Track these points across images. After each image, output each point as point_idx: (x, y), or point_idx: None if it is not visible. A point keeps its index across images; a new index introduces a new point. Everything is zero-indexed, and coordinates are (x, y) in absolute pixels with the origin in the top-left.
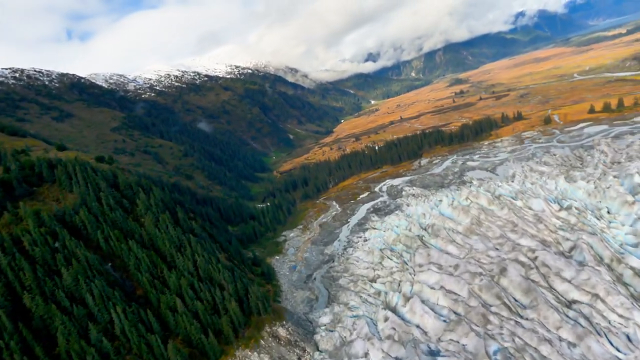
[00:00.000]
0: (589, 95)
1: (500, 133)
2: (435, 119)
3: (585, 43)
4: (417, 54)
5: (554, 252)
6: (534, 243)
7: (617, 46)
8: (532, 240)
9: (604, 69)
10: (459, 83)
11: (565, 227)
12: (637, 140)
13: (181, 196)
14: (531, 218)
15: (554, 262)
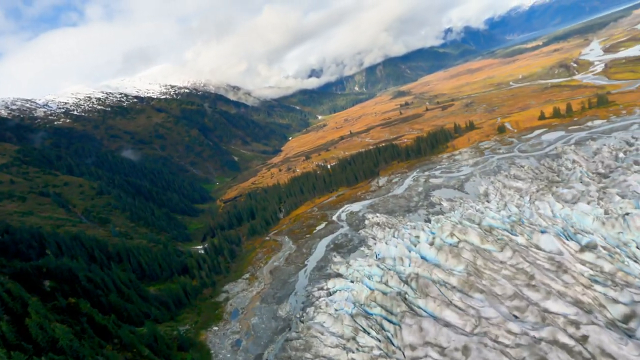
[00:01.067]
0: (533, 102)
1: (457, 144)
2: (385, 131)
3: (510, 54)
4: (358, 69)
5: (606, 325)
6: (571, 309)
7: (540, 56)
8: (564, 302)
9: (536, 76)
10: (402, 95)
11: (602, 279)
12: (603, 147)
13: (76, 259)
14: (548, 264)
15: (617, 349)
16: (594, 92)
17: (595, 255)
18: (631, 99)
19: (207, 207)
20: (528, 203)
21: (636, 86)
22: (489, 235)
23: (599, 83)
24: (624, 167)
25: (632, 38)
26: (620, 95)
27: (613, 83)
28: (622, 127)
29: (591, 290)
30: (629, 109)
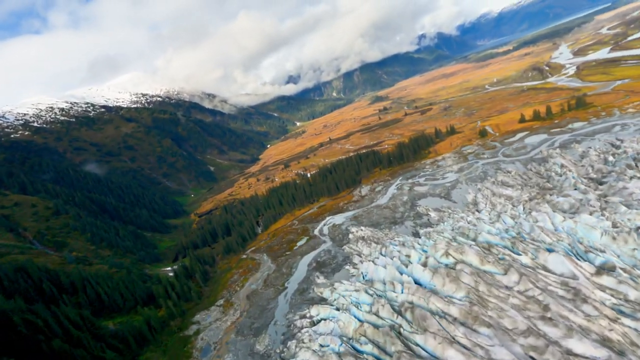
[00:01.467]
0: (511, 105)
1: (439, 149)
2: (365, 137)
3: (483, 59)
4: (336, 75)
5: None
6: (601, 351)
7: (511, 60)
8: (590, 341)
9: (511, 79)
10: (379, 100)
11: (629, 310)
12: (590, 150)
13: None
14: (562, 291)
15: None
16: (570, 94)
17: (615, 280)
18: (608, 100)
19: (181, 223)
20: (524, 214)
21: (611, 87)
22: (489, 255)
23: (573, 85)
24: (618, 172)
25: (598, 42)
26: (597, 96)
27: (587, 85)
28: (604, 129)
29: (619, 325)
30: (607, 111)
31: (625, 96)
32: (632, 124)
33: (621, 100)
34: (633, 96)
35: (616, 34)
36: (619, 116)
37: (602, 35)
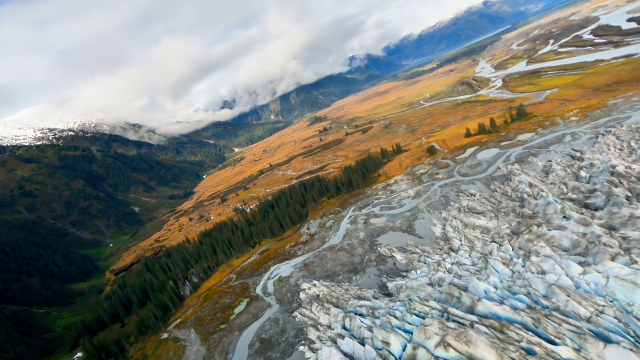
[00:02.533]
0: (451, 119)
1: (389, 172)
2: (308, 161)
3: (412, 77)
4: (272, 98)
5: None
6: None
7: (438, 77)
8: None
9: (443, 94)
10: (319, 121)
11: None
12: (552, 165)
13: None
14: None
15: None
16: (507, 106)
17: None
18: (546, 109)
19: (89, 287)
20: (518, 257)
21: (544, 97)
22: (508, 343)
23: (506, 97)
24: (605, 192)
25: (513, 57)
26: (534, 106)
27: (519, 96)
28: (555, 140)
29: None
30: (551, 120)
31: (562, 105)
32: (582, 133)
33: (559, 109)
34: (569, 105)
35: (527, 49)
36: (564, 125)
37: (515, 51)
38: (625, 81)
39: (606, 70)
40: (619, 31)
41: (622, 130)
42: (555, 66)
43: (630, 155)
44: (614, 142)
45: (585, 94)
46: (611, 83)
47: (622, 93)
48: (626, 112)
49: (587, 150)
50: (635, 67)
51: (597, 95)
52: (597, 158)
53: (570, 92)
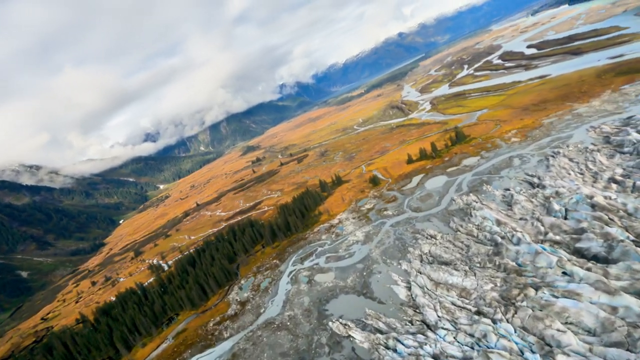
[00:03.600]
0: (389, 144)
1: (331, 208)
2: (240, 197)
3: (342, 102)
4: (201, 128)
5: None
6: None
7: (367, 101)
8: None
9: (375, 118)
10: (252, 150)
11: None
12: (515, 195)
13: None
14: None
15: None
16: (441, 128)
17: None
18: (483, 130)
19: None
20: (535, 353)
21: (476, 118)
22: None
23: (439, 119)
24: (597, 232)
25: (434, 81)
26: (469, 128)
27: (451, 117)
28: (504, 164)
29: None
30: (492, 142)
31: (497, 125)
32: (529, 155)
33: (495, 129)
34: (504, 125)
35: (445, 74)
36: (507, 147)
37: (434, 75)
38: (549, 100)
39: (526, 90)
40: (523, 56)
41: (569, 150)
42: (477, 88)
43: (596, 180)
44: (569, 165)
45: (516, 114)
46: (537, 102)
47: (552, 112)
48: (564, 130)
49: (545, 175)
50: (553, 86)
51: (528, 115)
52: (561, 185)
53: (500, 113)
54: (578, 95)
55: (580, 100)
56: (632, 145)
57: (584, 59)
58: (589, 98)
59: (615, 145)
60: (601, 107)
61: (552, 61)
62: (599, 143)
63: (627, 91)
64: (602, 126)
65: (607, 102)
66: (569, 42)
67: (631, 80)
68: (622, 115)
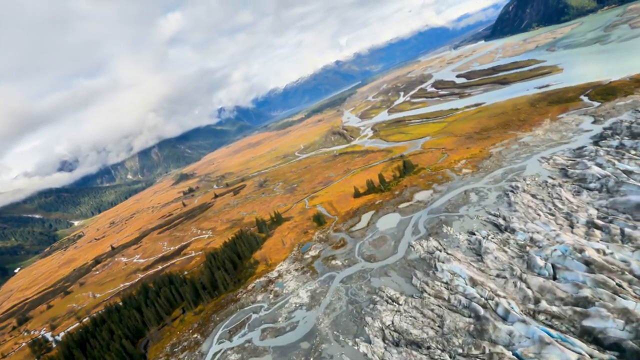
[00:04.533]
0: (332, 173)
1: (270, 255)
2: (164, 239)
3: (282, 127)
4: (128, 154)
5: None
6: None
7: (308, 126)
8: None
9: (318, 145)
10: (185, 178)
11: None
12: (484, 243)
13: None
14: None
15: None
16: (386, 156)
17: None
18: (430, 160)
19: None
20: None
21: (420, 146)
22: None
23: (382, 146)
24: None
25: (373, 107)
26: (416, 157)
27: (395, 145)
28: (460, 200)
29: None
30: (442, 173)
31: (444, 154)
32: (485, 189)
33: (443, 159)
34: (452, 154)
35: (382, 100)
36: (460, 179)
37: (372, 102)
38: (491, 128)
39: (465, 118)
40: (454, 84)
41: (528, 184)
42: (416, 114)
43: (572, 225)
44: (534, 203)
45: (461, 142)
46: (479, 130)
47: (497, 140)
48: (515, 161)
49: (511, 216)
50: (491, 114)
51: (473, 143)
52: (534, 229)
53: (444, 140)
54: (518, 123)
55: (522, 129)
56: (597, 181)
57: (513, 88)
58: (531, 127)
59: (576, 180)
60: (546, 136)
61: (483, 89)
62: (557, 176)
63: (566, 120)
64: (555, 157)
65: (551, 131)
66: (494, 73)
67: (566, 110)
68: (570, 145)
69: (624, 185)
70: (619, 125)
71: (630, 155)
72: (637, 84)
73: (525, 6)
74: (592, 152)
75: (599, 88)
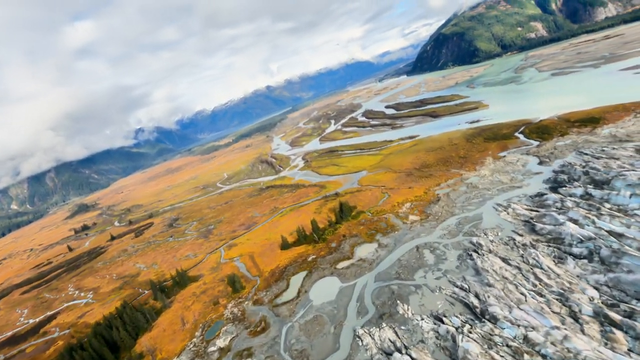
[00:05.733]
0: (257, 213)
1: (160, 345)
2: (27, 303)
3: (207, 151)
4: (14, 180)
5: None
6: None
7: (235, 152)
8: None
9: (243, 174)
10: (84, 210)
11: None
12: (460, 339)
13: None
14: None
15: None
16: (318, 192)
17: None
18: (369, 200)
19: None
20: None
21: (356, 181)
22: None
23: (314, 179)
24: None
25: (303, 134)
26: (353, 196)
27: (327, 179)
28: (413, 259)
29: None
30: (386, 220)
31: (385, 194)
32: (440, 246)
33: (384, 200)
34: (393, 194)
35: (314, 127)
36: (407, 229)
37: (303, 128)
38: (431, 164)
39: (401, 151)
40: (385, 115)
41: (492, 242)
42: (350, 144)
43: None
44: (510, 273)
45: (401, 179)
46: (418, 166)
47: (441, 179)
48: (467, 207)
49: (485, 293)
50: (427, 147)
51: (415, 181)
52: (524, 320)
53: (382, 177)
54: (459, 160)
55: (466, 167)
56: (580, 244)
57: (444, 122)
58: (474, 165)
59: (551, 240)
60: (494, 177)
61: (414, 121)
62: (523, 232)
63: (510, 159)
64: (513, 205)
65: (498, 172)
66: (422, 105)
67: (505, 147)
68: (524, 189)
69: (626, 257)
70: (572, 169)
71: (607, 211)
72: (569, 124)
73: (441, 47)
74: (556, 202)
75: (532, 126)
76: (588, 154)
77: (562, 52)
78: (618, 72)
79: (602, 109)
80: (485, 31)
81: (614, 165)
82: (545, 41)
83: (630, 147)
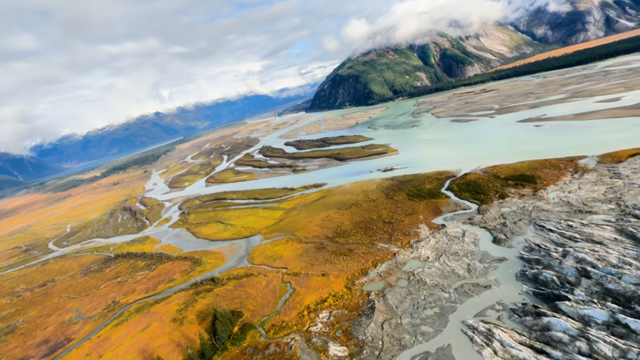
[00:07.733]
0: (80, 314)
1: None
2: None
3: (64, 187)
4: None
5: None
6: None
7: (98, 190)
8: None
9: (93, 229)
10: None
11: None
12: None
13: None
14: None
15: None
16: (188, 275)
17: None
18: (264, 299)
19: None
20: None
21: (246, 254)
22: None
23: (186, 248)
24: None
25: (189, 171)
26: (239, 287)
27: (207, 248)
28: None
29: None
30: (290, 354)
31: (287, 286)
32: None
33: (288, 298)
34: (301, 287)
35: (202, 163)
36: None
37: (190, 164)
38: (348, 231)
39: (307, 205)
40: (284, 153)
41: None
42: (242, 191)
43: None
44: None
45: (310, 257)
46: (332, 233)
47: (367, 260)
48: (423, 331)
49: None
50: (340, 203)
51: (331, 263)
52: None
53: (284, 250)
54: (384, 228)
55: (396, 241)
56: None
57: (352, 167)
58: (407, 237)
59: None
60: (442, 264)
61: (319, 164)
62: None
63: (452, 233)
64: (499, 334)
65: (445, 255)
66: (324, 145)
67: (438, 211)
68: (497, 293)
69: None
70: (551, 259)
71: None
72: (501, 181)
73: (338, 87)
74: (573, 337)
75: (458, 181)
76: (553, 230)
77: (450, 100)
78: (516, 123)
79: (528, 164)
80: (378, 76)
81: (612, 257)
82: (431, 90)
83: (602, 223)
